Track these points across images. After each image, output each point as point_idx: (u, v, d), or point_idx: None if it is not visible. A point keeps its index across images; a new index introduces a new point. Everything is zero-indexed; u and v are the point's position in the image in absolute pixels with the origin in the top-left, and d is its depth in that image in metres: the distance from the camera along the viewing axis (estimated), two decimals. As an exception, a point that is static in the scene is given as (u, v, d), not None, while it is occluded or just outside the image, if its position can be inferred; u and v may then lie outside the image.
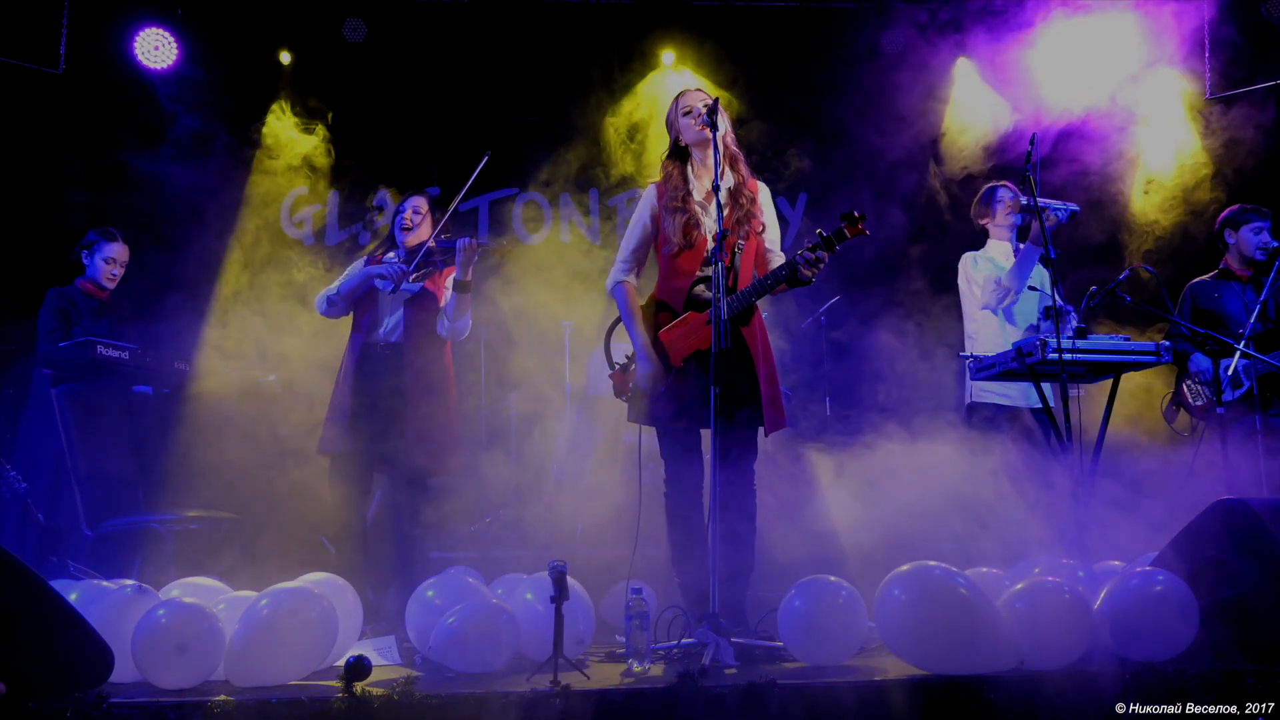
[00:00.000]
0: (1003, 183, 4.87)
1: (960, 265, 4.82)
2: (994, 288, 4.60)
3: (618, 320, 3.86)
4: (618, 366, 3.79)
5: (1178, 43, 6.54)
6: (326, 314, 4.37)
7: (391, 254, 4.37)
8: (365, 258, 4.41)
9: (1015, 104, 6.76)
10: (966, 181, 6.40)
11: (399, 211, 4.43)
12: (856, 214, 3.43)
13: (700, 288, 3.66)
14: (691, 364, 3.62)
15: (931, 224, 6.80)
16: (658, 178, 3.83)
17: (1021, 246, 4.54)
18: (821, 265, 3.45)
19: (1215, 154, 6.62)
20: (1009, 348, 4.29)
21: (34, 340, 4.88)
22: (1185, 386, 5.03)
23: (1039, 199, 4.43)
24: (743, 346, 3.60)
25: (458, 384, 4.54)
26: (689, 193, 3.72)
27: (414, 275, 4.24)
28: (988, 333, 4.69)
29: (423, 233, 4.39)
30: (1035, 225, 4.44)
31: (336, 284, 4.35)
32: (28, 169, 6.19)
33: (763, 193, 3.80)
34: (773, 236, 3.82)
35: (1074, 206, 4.27)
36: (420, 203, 4.44)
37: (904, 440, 5.25)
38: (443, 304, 4.33)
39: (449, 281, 4.35)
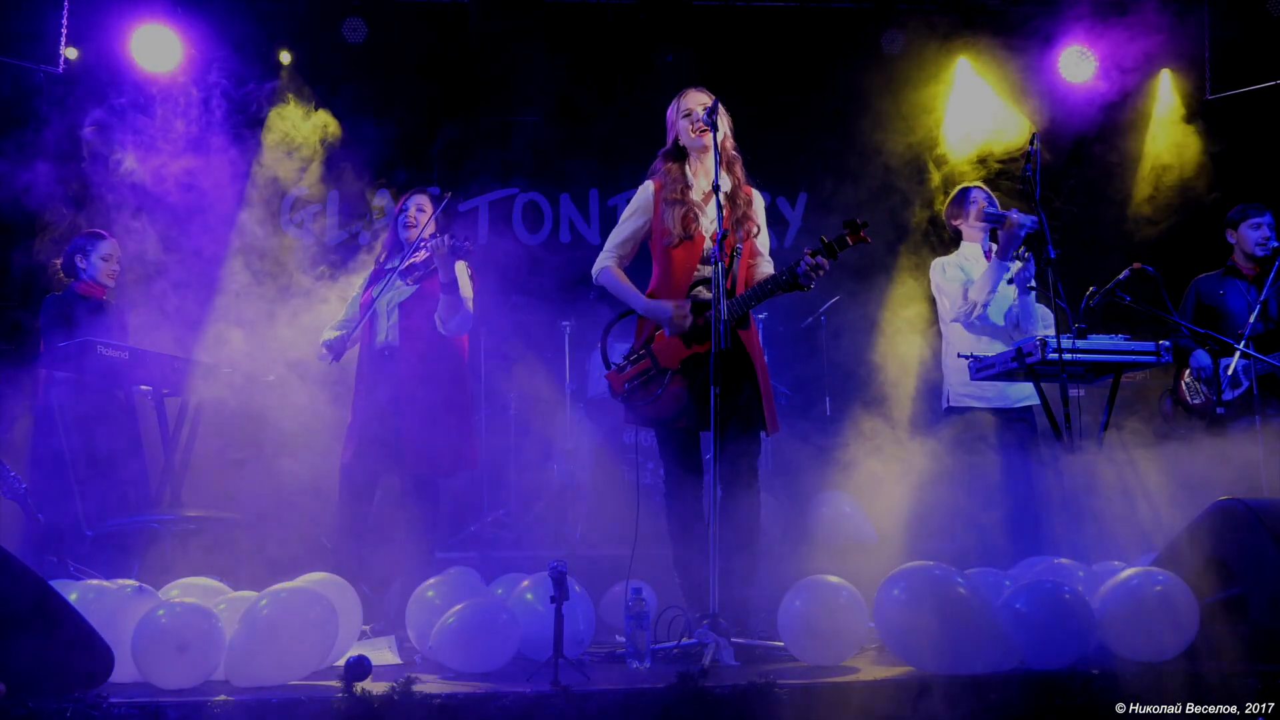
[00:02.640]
0: (977, 183, 4.82)
1: (931, 271, 4.78)
2: (961, 302, 4.58)
3: (614, 321, 3.86)
4: (614, 367, 3.78)
5: (1178, 43, 6.55)
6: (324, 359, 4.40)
7: (395, 259, 4.39)
8: (368, 275, 4.45)
9: (1015, 103, 6.76)
10: (968, 179, 6.39)
11: (402, 210, 4.42)
12: (859, 221, 3.42)
13: (700, 289, 3.65)
14: (689, 366, 3.61)
15: (932, 223, 6.80)
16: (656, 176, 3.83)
17: (993, 251, 4.53)
18: (822, 272, 3.45)
19: (1216, 153, 6.62)
20: (989, 352, 4.32)
21: (34, 340, 4.89)
22: (1184, 384, 5.03)
23: (1002, 211, 4.43)
24: (741, 349, 3.59)
25: (470, 380, 4.52)
26: (688, 187, 3.72)
27: (408, 280, 4.27)
28: (958, 338, 4.67)
29: (423, 223, 4.37)
30: (1003, 239, 4.45)
31: (326, 335, 4.36)
32: (27, 169, 6.18)
33: (757, 198, 3.81)
34: (763, 241, 3.82)
35: (1032, 219, 4.26)
36: (423, 200, 4.44)
37: (904, 440, 5.25)
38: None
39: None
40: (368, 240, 7.05)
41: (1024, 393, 4.56)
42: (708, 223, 3.68)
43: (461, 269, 4.23)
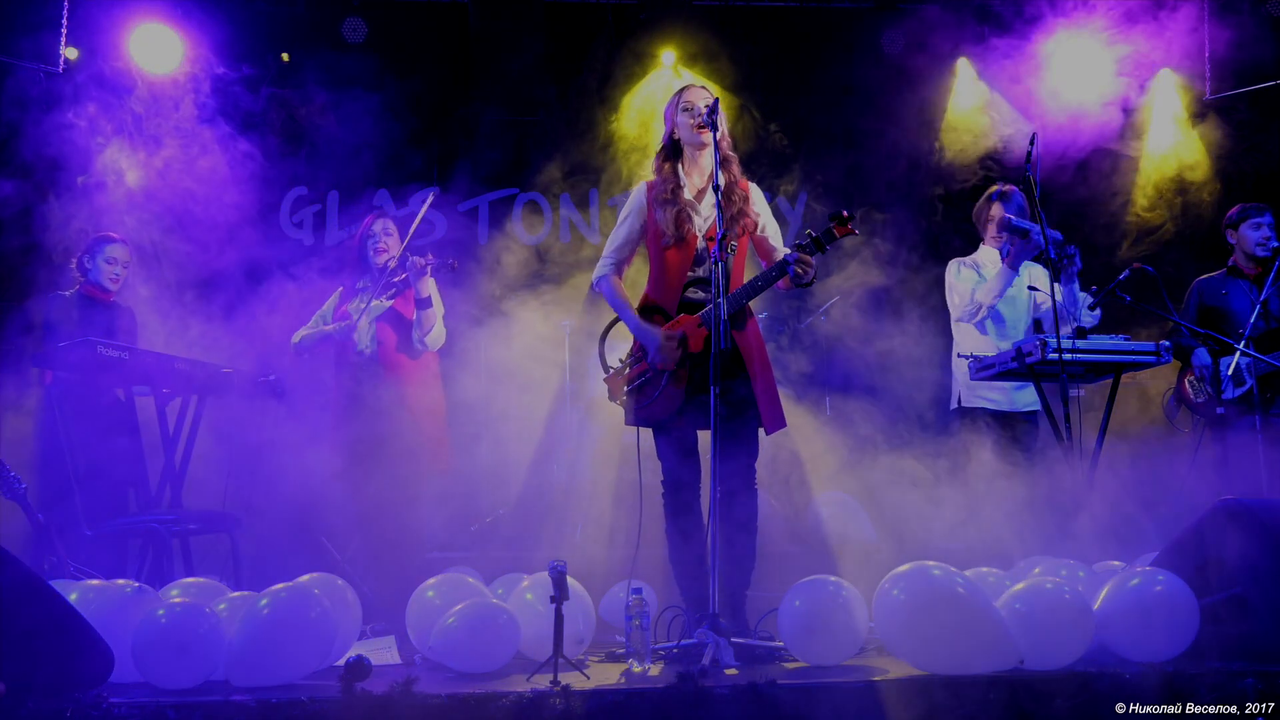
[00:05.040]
0: (1007, 187, 4.80)
1: (946, 270, 4.80)
2: (968, 303, 4.59)
3: (611, 325, 3.85)
4: (611, 370, 3.77)
5: (1178, 43, 6.55)
6: (297, 359, 4.57)
7: (364, 278, 4.56)
8: (339, 293, 4.56)
9: (1015, 104, 6.76)
10: (967, 180, 6.39)
11: (368, 236, 4.56)
12: (845, 214, 3.40)
13: (692, 290, 3.65)
14: (685, 366, 3.61)
15: (932, 223, 6.81)
16: (650, 177, 3.82)
17: (1005, 259, 4.54)
18: (811, 267, 3.44)
19: (1216, 154, 6.62)
20: (993, 353, 4.32)
21: (35, 339, 4.89)
22: (1187, 383, 5.03)
23: (1024, 223, 4.44)
24: (736, 349, 3.58)
25: (452, 387, 4.64)
26: (680, 187, 3.71)
27: (383, 297, 4.42)
28: (965, 338, 4.67)
29: (394, 248, 4.55)
30: (1017, 248, 4.45)
31: (300, 334, 4.53)
32: (27, 169, 6.18)
33: (754, 192, 3.79)
34: (774, 232, 3.81)
35: (1057, 235, 4.25)
36: (389, 224, 4.62)
37: (903, 440, 5.25)
38: (413, 318, 4.46)
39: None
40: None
41: (1031, 397, 4.57)
42: (701, 222, 3.67)
43: (431, 285, 4.33)
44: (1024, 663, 2.86)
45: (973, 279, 4.64)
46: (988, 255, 4.74)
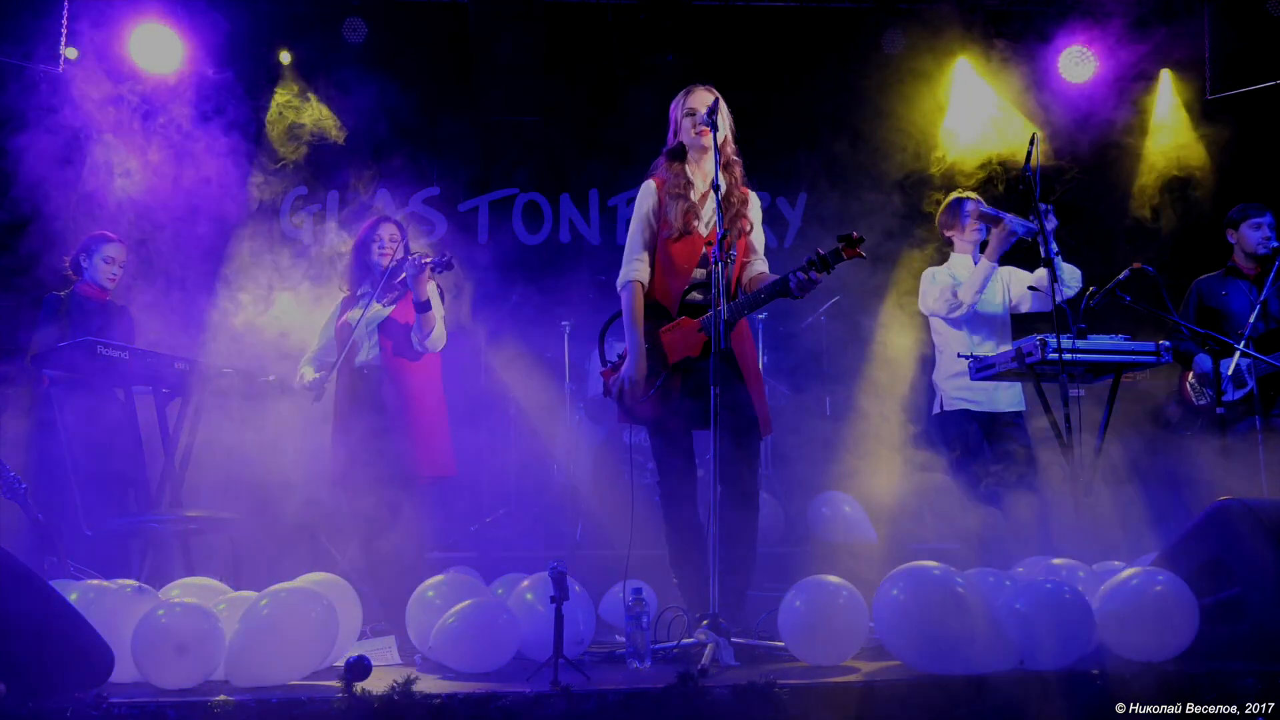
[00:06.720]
0: (969, 194, 4.82)
1: (921, 281, 4.79)
2: (948, 296, 4.59)
3: (612, 318, 3.85)
4: (610, 364, 3.77)
5: (1178, 42, 6.55)
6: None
7: (365, 284, 4.48)
8: (340, 303, 4.52)
9: (1016, 104, 6.76)
10: (968, 181, 6.39)
11: (371, 239, 4.47)
12: (855, 235, 3.38)
13: (694, 293, 3.65)
14: (682, 366, 3.61)
15: (931, 224, 6.80)
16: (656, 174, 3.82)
17: (980, 260, 4.56)
18: (815, 286, 3.42)
19: (1216, 153, 6.62)
20: (982, 349, 4.34)
21: (34, 342, 4.89)
22: (1189, 385, 5.03)
23: (999, 212, 4.46)
24: (729, 352, 3.57)
25: (452, 387, 4.62)
26: (689, 184, 3.72)
27: (384, 302, 4.37)
28: (954, 339, 4.67)
29: (397, 251, 4.49)
30: (994, 239, 4.47)
31: (308, 373, 4.45)
32: (26, 170, 6.18)
33: (752, 198, 3.80)
34: (758, 239, 3.81)
35: (1033, 226, 4.26)
36: (393, 229, 4.54)
37: (904, 440, 5.25)
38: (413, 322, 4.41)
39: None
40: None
41: (1015, 397, 4.61)
42: (702, 225, 3.68)
43: (432, 288, 4.31)
44: (1024, 663, 2.86)
45: (948, 283, 4.66)
46: (960, 262, 4.77)
